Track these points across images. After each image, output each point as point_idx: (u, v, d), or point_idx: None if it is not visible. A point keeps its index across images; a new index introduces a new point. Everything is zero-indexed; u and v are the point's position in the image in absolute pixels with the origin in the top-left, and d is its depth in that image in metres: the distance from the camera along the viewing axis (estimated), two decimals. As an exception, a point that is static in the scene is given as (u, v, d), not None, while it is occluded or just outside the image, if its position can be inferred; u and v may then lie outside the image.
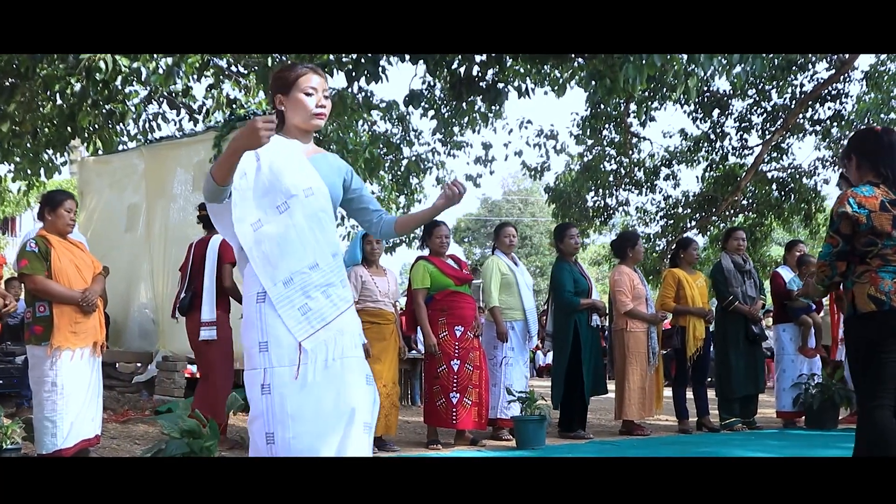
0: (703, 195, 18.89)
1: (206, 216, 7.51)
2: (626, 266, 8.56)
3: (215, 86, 12.37)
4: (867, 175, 4.53)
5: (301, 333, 3.14)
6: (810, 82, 16.85)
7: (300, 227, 3.21)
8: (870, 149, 4.56)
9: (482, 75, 10.02)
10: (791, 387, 8.77)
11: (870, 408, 4.40)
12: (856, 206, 4.35)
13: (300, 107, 3.31)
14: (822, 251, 4.50)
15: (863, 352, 4.45)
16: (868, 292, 4.33)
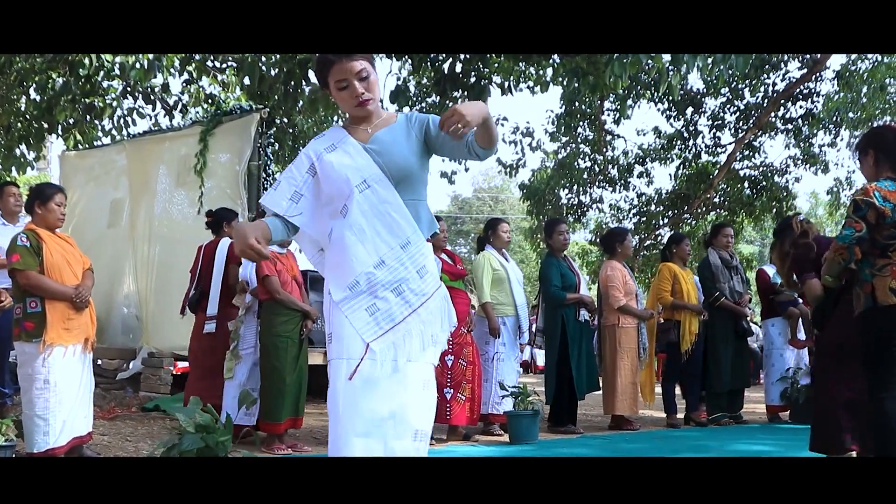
0: (676, 193, 19.02)
1: (212, 221, 7.51)
2: (616, 261, 8.57)
3: (191, 81, 12.28)
4: (884, 171, 4.60)
5: (369, 335, 3.05)
6: (783, 81, 17.00)
7: (359, 227, 3.10)
8: (890, 146, 4.62)
9: (466, 72, 10.00)
10: (778, 381, 8.82)
11: (881, 398, 4.46)
12: (881, 199, 4.41)
13: (341, 101, 3.22)
14: (843, 234, 4.54)
15: (879, 343, 4.49)
16: (890, 285, 4.40)
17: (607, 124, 18.39)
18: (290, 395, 6.60)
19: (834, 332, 5.40)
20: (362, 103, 3.16)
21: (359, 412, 3.00)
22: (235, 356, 6.82)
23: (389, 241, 3.12)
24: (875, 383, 4.54)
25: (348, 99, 3.16)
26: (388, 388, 3.03)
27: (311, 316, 6.88)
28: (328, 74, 3.15)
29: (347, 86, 3.13)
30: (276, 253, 6.82)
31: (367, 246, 3.10)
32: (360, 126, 3.24)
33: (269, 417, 6.52)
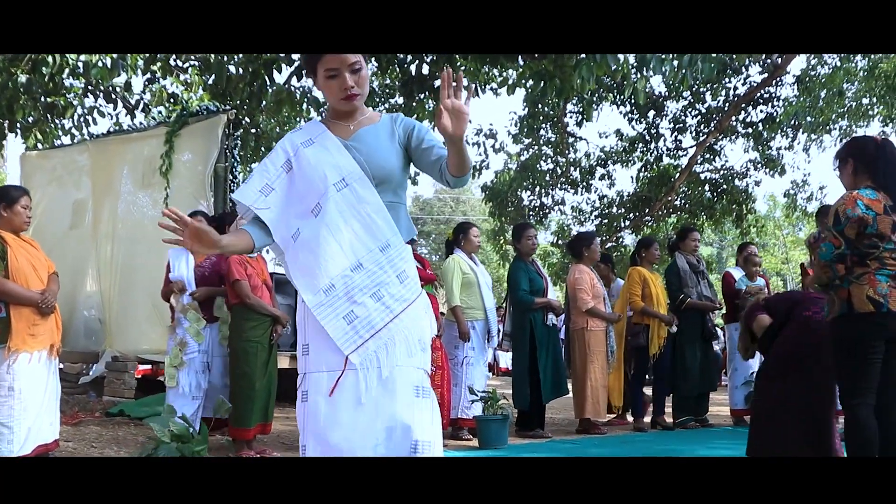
0: (637, 195, 19.17)
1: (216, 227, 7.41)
2: (583, 265, 8.59)
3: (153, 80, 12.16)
4: (863, 180, 4.67)
5: (348, 346, 2.82)
6: (744, 85, 17.17)
7: (335, 226, 2.90)
8: (870, 157, 4.69)
9: (432, 74, 9.99)
10: (742, 384, 8.88)
11: (853, 405, 4.53)
12: (864, 207, 4.48)
13: (328, 91, 2.99)
14: (824, 251, 4.59)
15: (852, 351, 4.55)
16: (867, 293, 4.46)
17: (570, 126, 18.48)
18: (260, 401, 6.53)
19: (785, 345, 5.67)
20: (350, 97, 2.97)
21: (344, 431, 2.80)
22: (178, 362, 6.65)
23: (368, 243, 2.92)
24: (847, 390, 4.60)
25: (336, 90, 2.97)
26: (377, 401, 2.82)
27: (280, 321, 6.81)
28: (319, 61, 2.95)
29: (337, 75, 2.94)
30: (247, 257, 6.75)
31: (343, 247, 2.90)
32: (341, 122, 3.07)
33: (239, 423, 6.41)
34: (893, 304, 4.47)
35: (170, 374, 6.64)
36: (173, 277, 6.82)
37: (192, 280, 6.76)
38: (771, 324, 5.84)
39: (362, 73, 2.98)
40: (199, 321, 6.73)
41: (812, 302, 5.67)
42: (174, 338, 6.74)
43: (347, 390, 2.82)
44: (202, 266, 6.83)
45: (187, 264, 6.82)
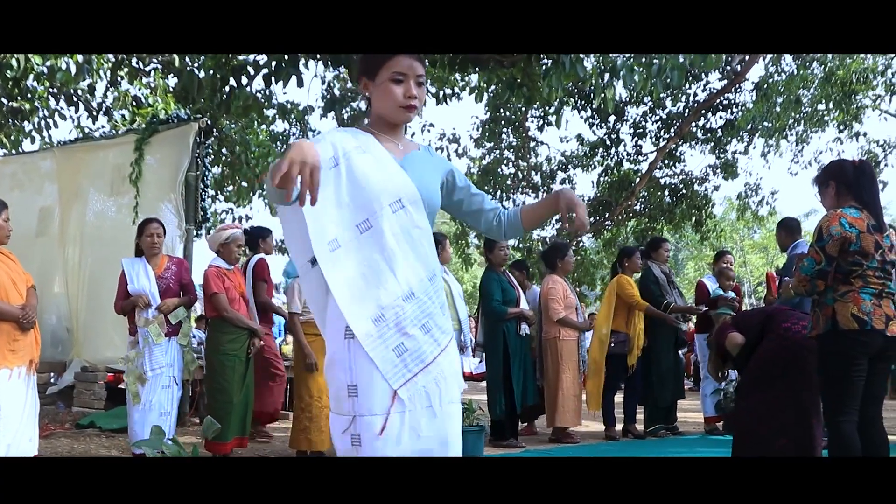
0: (597, 199, 19.28)
1: (248, 239, 7.37)
2: (557, 276, 8.64)
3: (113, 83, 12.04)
4: (846, 202, 4.76)
5: (397, 380, 2.62)
6: (703, 92, 17.35)
7: (390, 251, 2.69)
8: (851, 178, 4.80)
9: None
10: (712, 393, 8.97)
11: (838, 422, 4.62)
12: (847, 225, 4.57)
13: (387, 96, 2.76)
14: (805, 266, 4.68)
15: (837, 367, 4.64)
16: (851, 311, 4.55)
17: (531, 131, 18.57)
18: (237, 415, 6.51)
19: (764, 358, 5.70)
20: (410, 107, 2.77)
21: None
22: (138, 378, 6.39)
23: (419, 272, 2.72)
24: (832, 407, 4.68)
25: (398, 96, 2.75)
26: (429, 434, 2.68)
27: (258, 334, 6.78)
28: (387, 61, 2.77)
29: (403, 81, 2.74)
30: (224, 269, 6.71)
31: (397, 274, 2.69)
32: (390, 138, 2.85)
33: (216, 437, 6.36)
34: (877, 322, 4.57)
35: (133, 392, 6.39)
36: (134, 290, 6.48)
37: (155, 293, 6.48)
38: (746, 341, 5.89)
39: (423, 89, 2.82)
40: (160, 336, 6.44)
41: (786, 315, 5.74)
42: (136, 353, 6.46)
43: (396, 430, 2.64)
44: (164, 278, 6.57)
45: (147, 276, 6.53)
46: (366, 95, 2.87)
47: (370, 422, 2.62)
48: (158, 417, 6.29)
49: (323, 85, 14.93)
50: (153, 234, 6.58)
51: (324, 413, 6.83)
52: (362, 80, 2.85)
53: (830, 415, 4.69)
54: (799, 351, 5.49)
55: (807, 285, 4.70)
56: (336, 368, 2.68)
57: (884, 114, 18.32)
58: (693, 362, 16.11)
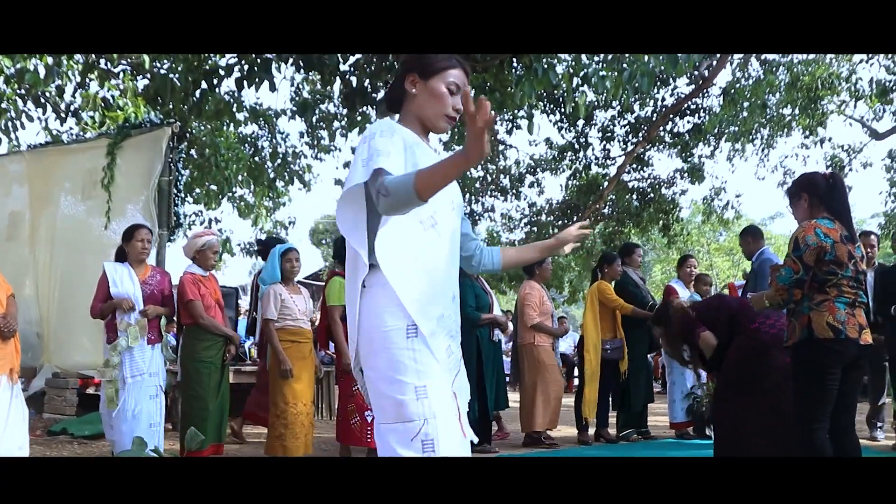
0: (566, 203, 19.35)
1: (261, 250, 7.31)
2: (535, 282, 8.69)
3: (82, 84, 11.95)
4: (819, 213, 4.84)
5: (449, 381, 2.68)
6: (671, 96, 17.47)
7: (445, 250, 2.73)
8: (823, 191, 4.89)
9: (374, 86, 10.01)
10: (683, 398, 9.04)
11: (811, 429, 4.68)
12: (822, 235, 4.65)
13: (437, 101, 2.79)
14: (783, 275, 4.74)
15: (810, 375, 4.72)
16: (827, 320, 4.63)
17: (500, 134, 18.59)
18: (213, 422, 6.49)
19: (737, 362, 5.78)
20: (452, 119, 2.81)
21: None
22: (116, 383, 6.29)
23: (455, 276, 2.80)
24: (806, 414, 4.75)
25: (445, 105, 2.79)
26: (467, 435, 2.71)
27: (234, 340, 6.77)
28: (447, 67, 2.81)
29: (455, 93, 2.79)
30: (199, 276, 6.69)
31: (451, 274, 2.76)
32: (426, 143, 2.86)
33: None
34: (851, 330, 4.65)
35: (109, 397, 6.29)
36: (117, 294, 6.37)
37: (139, 298, 6.42)
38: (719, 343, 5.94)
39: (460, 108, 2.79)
40: (137, 339, 6.33)
41: (752, 314, 5.76)
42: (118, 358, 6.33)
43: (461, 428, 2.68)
44: (149, 284, 6.52)
45: (132, 280, 6.46)
46: (407, 90, 2.84)
47: (445, 422, 2.59)
48: (148, 429, 6.23)
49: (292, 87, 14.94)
50: (144, 240, 6.52)
51: (299, 420, 6.84)
52: (411, 76, 2.83)
53: (804, 422, 4.75)
54: (769, 350, 5.60)
55: (784, 294, 4.76)
56: (399, 372, 2.59)
57: (848, 119, 18.54)
58: (661, 365, 16.21)
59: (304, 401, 6.87)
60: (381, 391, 2.62)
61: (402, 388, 2.57)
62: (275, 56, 9.01)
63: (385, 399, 2.61)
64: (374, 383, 2.64)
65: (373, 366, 2.64)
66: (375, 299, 2.62)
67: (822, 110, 17.59)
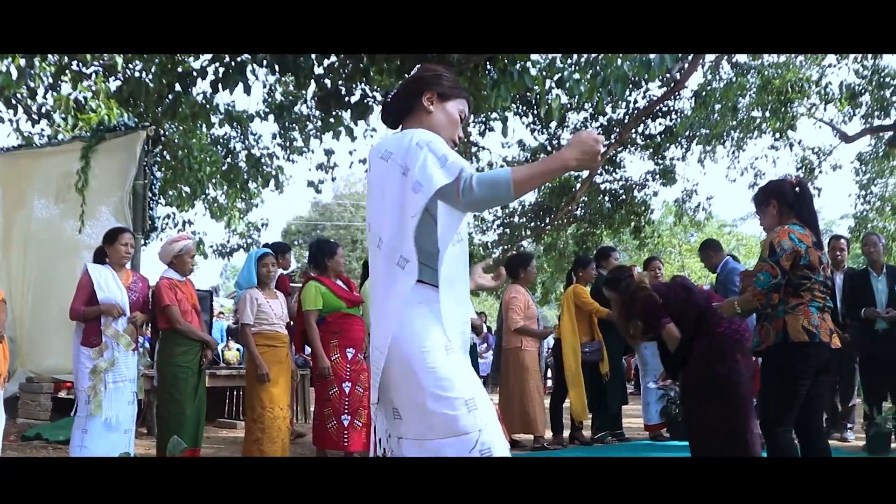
0: (538, 205, 19.40)
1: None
2: (519, 285, 8.71)
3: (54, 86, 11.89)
4: (788, 219, 4.91)
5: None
6: (643, 99, 17.56)
7: (464, 264, 2.88)
8: (791, 198, 4.97)
9: (349, 89, 10.01)
10: (657, 400, 9.10)
11: (777, 432, 4.76)
12: (797, 239, 4.71)
13: (451, 124, 2.91)
14: (762, 280, 4.74)
15: (784, 379, 4.78)
16: (802, 324, 4.70)
17: (472, 136, 18.62)
18: (190, 427, 6.48)
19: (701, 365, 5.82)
20: (455, 145, 2.92)
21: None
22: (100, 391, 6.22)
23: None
24: (773, 418, 4.81)
25: (456, 131, 2.93)
26: None
27: (210, 345, 6.77)
28: (461, 96, 2.95)
29: (461, 121, 2.96)
30: (176, 280, 6.67)
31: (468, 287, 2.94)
32: None
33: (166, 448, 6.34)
34: (824, 334, 4.74)
35: (96, 403, 6.20)
36: (105, 299, 6.28)
37: (126, 304, 6.38)
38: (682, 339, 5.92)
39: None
40: (130, 345, 6.36)
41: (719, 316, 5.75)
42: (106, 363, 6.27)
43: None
44: (134, 290, 6.48)
45: (118, 285, 6.38)
46: (424, 105, 2.89)
47: (496, 428, 2.70)
48: (123, 435, 6.24)
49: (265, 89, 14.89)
50: (127, 244, 6.46)
51: (276, 423, 6.86)
52: (429, 93, 2.89)
53: (771, 425, 4.81)
54: (734, 354, 5.72)
55: (762, 299, 4.79)
56: (446, 389, 2.67)
57: (818, 122, 18.72)
58: (633, 367, 16.30)
59: (281, 405, 6.90)
60: (429, 409, 2.65)
61: (453, 404, 2.64)
62: (250, 59, 9.00)
63: (433, 416, 2.65)
64: (416, 402, 2.68)
65: (415, 385, 2.67)
66: (423, 319, 2.71)
67: (792, 113, 17.71)
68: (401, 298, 2.67)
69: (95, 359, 6.25)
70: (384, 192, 2.73)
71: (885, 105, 16.89)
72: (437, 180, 2.60)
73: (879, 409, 8.00)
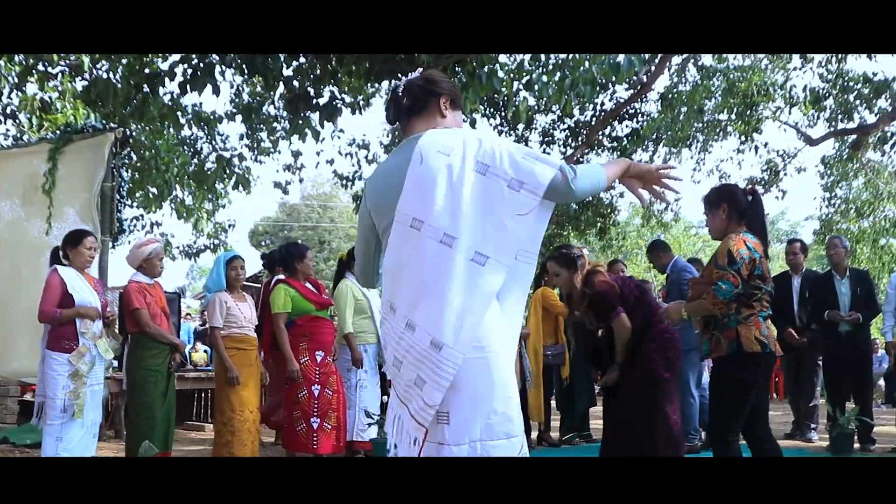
0: (506, 207, 19.37)
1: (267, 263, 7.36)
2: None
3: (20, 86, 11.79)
4: (735, 225, 4.91)
5: None
6: (610, 101, 17.66)
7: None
8: (743, 205, 4.95)
9: (318, 91, 10.01)
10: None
11: (729, 441, 4.82)
12: (752, 249, 4.75)
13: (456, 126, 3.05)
14: (722, 288, 4.71)
15: (738, 389, 4.83)
16: (755, 335, 4.75)
17: (441, 137, 18.64)
18: (160, 430, 6.46)
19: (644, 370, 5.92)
20: None
21: None
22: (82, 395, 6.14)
23: None
24: (724, 427, 4.87)
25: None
26: None
27: (179, 349, 6.76)
28: (461, 106, 3.10)
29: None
30: (145, 284, 6.66)
31: None
32: None
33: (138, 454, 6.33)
34: (772, 343, 4.83)
35: (79, 406, 6.11)
36: (81, 302, 6.17)
37: (98, 305, 6.31)
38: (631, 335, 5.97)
39: None
40: (108, 352, 6.32)
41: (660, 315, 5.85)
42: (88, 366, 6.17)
43: None
44: (99, 292, 6.43)
45: (89, 288, 6.31)
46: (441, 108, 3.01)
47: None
48: (92, 439, 6.23)
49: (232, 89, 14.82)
50: (92, 248, 6.37)
51: (245, 426, 6.86)
52: (445, 98, 3.02)
53: (723, 433, 4.86)
54: (676, 360, 5.96)
55: (723, 308, 4.78)
56: (510, 390, 2.77)
57: (783, 125, 18.86)
58: (601, 369, 16.38)
59: (250, 408, 6.91)
60: (494, 409, 2.69)
61: (513, 406, 2.75)
62: (218, 60, 8.98)
63: (496, 416, 2.69)
64: (483, 402, 2.70)
65: (487, 384, 2.71)
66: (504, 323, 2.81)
67: (757, 116, 17.86)
68: (482, 297, 2.69)
69: (76, 363, 6.13)
70: (452, 189, 2.74)
71: (849, 109, 17.07)
72: (544, 173, 2.71)
73: (843, 410, 8.13)
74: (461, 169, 2.74)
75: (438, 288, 2.69)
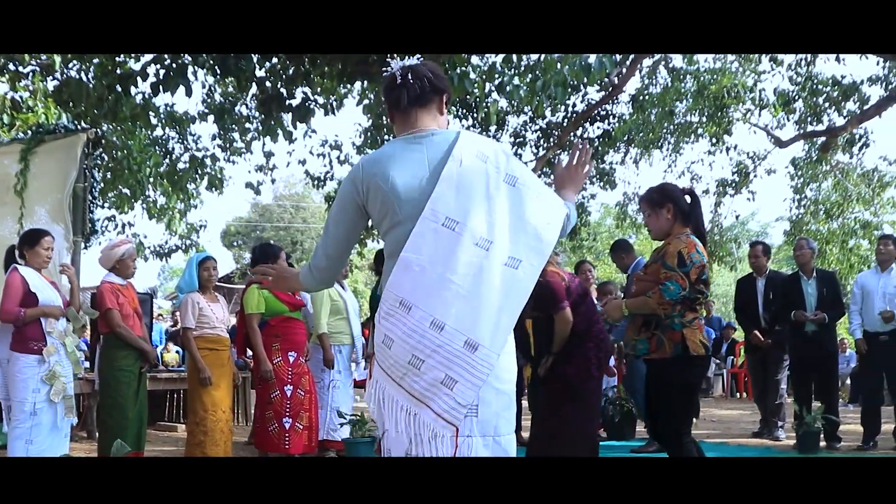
0: (480, 208, 19.42)
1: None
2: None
3: (-8, 86, 11.73)
4: (681, 228, 4.92)
5: None
6: (582, 103, 17.75)
7: None
8: (687, 207, 4.97)
9: (290, 93, 10.03)
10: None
11: (683, 443, 4.86)
12: (702, 254, 4.80)
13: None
14: (670, 289, 4.71)
15: (686, 391, 4.94)
16: (700, 338, 4.82)
17: (414, 139, 18.66)
18: (132, 430, 6.47)
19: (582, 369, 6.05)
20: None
21: None
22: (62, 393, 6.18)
23: None
24: (679, 429, 4.91)
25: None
26: None
27: (148, 357, 6.75)
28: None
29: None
30: (118, 285, 6.66)
31: None
32: None
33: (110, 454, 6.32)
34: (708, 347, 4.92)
35: (68, 406, 6.20)
36: (46, 301, 6.18)
37: (60, 303, 6.33)
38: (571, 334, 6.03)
39: None
40: (74, 353, 6.34)
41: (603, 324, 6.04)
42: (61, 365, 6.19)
43: None
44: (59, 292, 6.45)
45: (50, 287, 6.33)
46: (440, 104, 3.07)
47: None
48: (63, 438, 6.23)
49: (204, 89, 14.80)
50: (49, 248, 6.38)
51: (218, 427, 6.88)
52: (447, 97, 3.08)
53: (679, 435, 4.88)
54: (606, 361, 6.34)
55: (668, 309, 4.77)
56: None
57: (753, 127, 19.01)
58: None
59: (223, 408, 6.94)
60: (511, 401, 2.88)
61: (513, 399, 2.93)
62: (191, 60, 8.99)
63: (512, 409, 2.89)
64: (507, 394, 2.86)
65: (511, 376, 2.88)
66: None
67: (728, 118, 18.02)
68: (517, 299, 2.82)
69: (47, 361, 6.09)
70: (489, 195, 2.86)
71: (818, 111, 17.30)
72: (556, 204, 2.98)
73: (809, 409, 8.23)
74: (497, 177, 2.85)
75: (474, 289, 2.73)
